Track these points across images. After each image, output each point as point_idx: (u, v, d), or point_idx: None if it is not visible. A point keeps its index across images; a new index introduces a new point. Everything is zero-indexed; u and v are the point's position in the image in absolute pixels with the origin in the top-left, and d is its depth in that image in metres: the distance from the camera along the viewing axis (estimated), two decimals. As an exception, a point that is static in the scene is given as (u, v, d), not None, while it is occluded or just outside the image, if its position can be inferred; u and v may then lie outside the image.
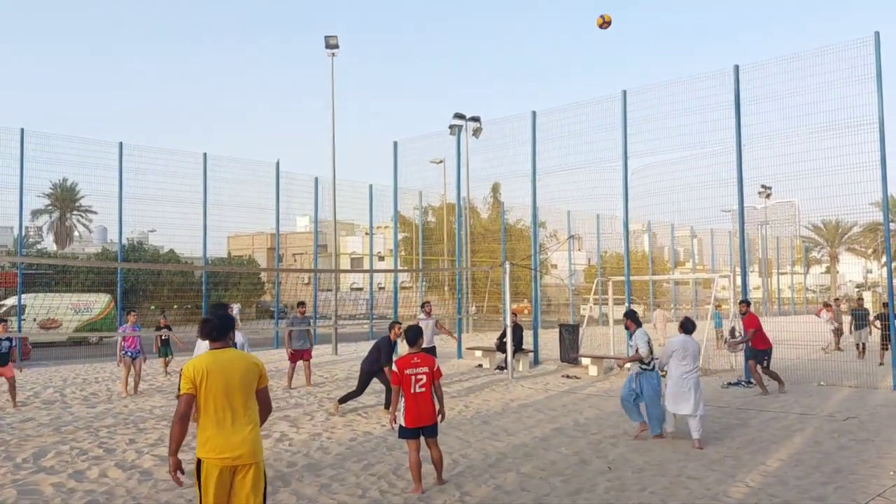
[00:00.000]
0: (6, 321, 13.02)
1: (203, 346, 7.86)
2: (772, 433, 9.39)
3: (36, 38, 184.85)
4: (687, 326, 9.05)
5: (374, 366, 11.12)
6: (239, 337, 7.94)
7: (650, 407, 9.02)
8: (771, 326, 22.81)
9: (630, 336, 9.61)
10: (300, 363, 14.42)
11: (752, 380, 13.15)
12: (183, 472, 4.36)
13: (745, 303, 13.82)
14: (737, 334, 15.56)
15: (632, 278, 18.24)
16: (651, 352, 9.17)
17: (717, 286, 20.10)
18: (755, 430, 9.62)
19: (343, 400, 11.27)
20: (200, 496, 4.33)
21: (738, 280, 16.27)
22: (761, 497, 6.54)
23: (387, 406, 11.03)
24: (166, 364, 16.62)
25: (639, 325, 9.47)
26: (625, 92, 16.93)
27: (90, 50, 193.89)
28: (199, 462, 4.35)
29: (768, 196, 32.71)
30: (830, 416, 10.53)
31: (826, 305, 22.98)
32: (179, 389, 4.45)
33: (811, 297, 50.87)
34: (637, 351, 9.18)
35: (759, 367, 12.87)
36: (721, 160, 15.57)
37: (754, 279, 44.46)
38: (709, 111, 15.71)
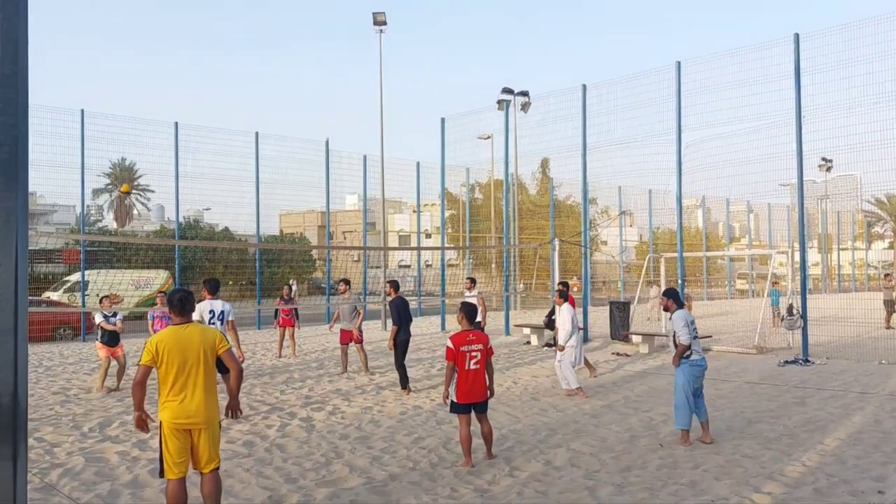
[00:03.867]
0: (109, 296, 12.37)
1: (205, 305, 9.16)
2: (830, 412, 9.17)
3: (89, 22, 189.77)
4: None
5: (405, 333, 11.09)
6: (226, 306, 9.33)
7: (675, 397, 7.80)
8: (831, 304, 22.29)
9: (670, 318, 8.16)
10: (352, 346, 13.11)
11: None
12: (152, 421, 5.13)
13: (563, 284, 12.50)
14: (794, 312, 15.18)
15: (685, 255, 17.91)
16: (693, 337, 7.78)
17: (774, 263, 19.61)
18: (813, 408, 9.41)
19: (404, 384, 10.94)
20: (162, 450, 5.02)
21: (797, 256, 15.81)
22: (818, 476, 6.42)
23: (403, 386, 10.89)
24: None
25: (680, 305, 8.12)
26: (679, 63, 16.51)
27: (139, 29, 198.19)
28: (160, 423, 5.04)
29: (829, 169, 31.64)
30: (892, 395, 10.22)
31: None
32: (140, 359, 5.08)
33: (873, 274, 49.19)
34: (679, 341, 7.76)
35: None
36: (779, 132, 15.11)
37: (813, 255, 43.18)
38: (767, 82, 15.23)
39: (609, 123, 17.99)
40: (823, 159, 25.44)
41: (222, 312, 9.31)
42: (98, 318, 11.73)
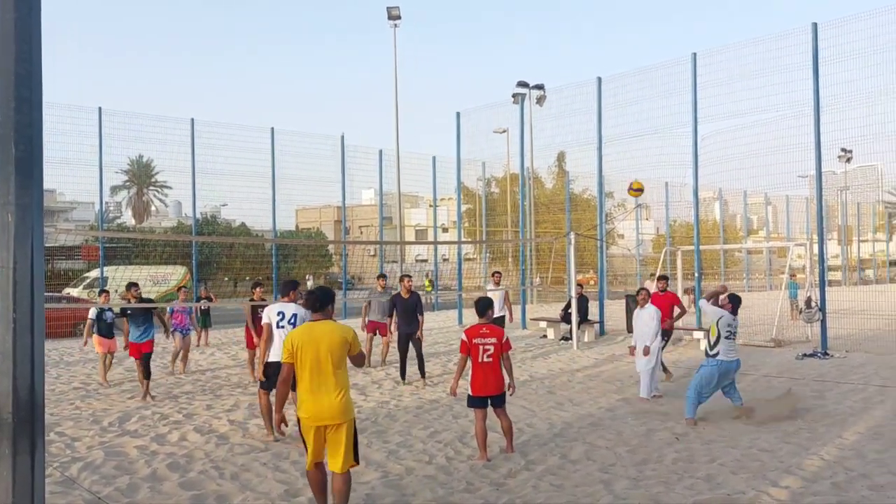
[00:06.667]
0: (107, 291, 12.78)
1: (274, 307, 8.43)
2: (850, 406, 9.08)
3: (106, 20, 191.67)
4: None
5: (411, 327, 11.29)
6: (300, 310, 8.43)
7: (690, 386, 8.38)
8: (850, 296, 22.06)
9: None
10: (377, 338, 13.24)
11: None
12: (286, 425, 5.28)
13: (664, 279, 12.35)
14: (813, 304, 15.03)
15: (702, 248, 17.79)
16: (725, 337, 8.26)
17: (792, 255, 19.43)
18: (832, 402, 9.32)
19: (403, 373, 11.29)
20: (304, 445, 5.21)
21: (816, 248, 15.64)
22: (837, 470, 6.36)
23: (422, 374, 11.23)
24: (200, 335, 16.31)
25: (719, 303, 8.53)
26: (695, 55, 16.37)
27: (154, 27, 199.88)
28: (298, 419, 5.19)
29: (849, 160, 31.29)
30: (913, 389, 10.10)
31: None
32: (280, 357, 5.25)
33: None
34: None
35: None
36: (798, 123, 14.98)
37: (833, 247, 42.71)
38: (784, 72, 15.07)
39: (625, 116, 17.91)
40: (843, 150, 25.16)
41: (294, 316, 8.01)
42: (92, 314, 11.63)
